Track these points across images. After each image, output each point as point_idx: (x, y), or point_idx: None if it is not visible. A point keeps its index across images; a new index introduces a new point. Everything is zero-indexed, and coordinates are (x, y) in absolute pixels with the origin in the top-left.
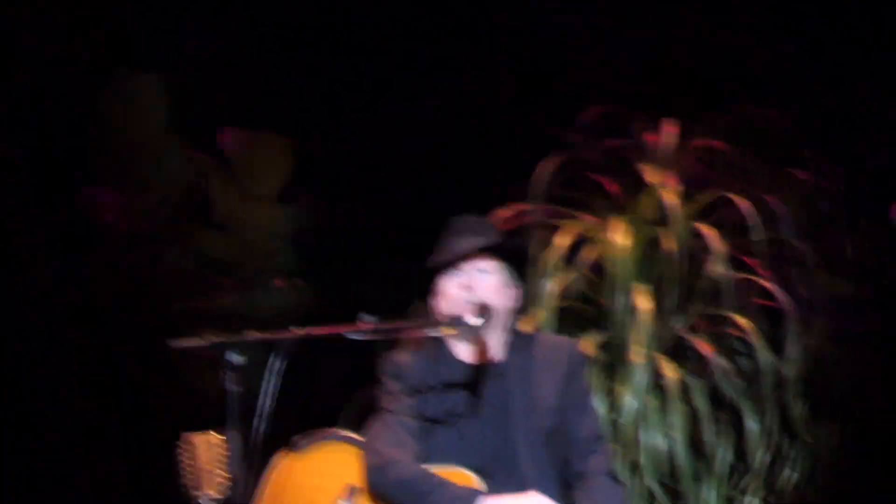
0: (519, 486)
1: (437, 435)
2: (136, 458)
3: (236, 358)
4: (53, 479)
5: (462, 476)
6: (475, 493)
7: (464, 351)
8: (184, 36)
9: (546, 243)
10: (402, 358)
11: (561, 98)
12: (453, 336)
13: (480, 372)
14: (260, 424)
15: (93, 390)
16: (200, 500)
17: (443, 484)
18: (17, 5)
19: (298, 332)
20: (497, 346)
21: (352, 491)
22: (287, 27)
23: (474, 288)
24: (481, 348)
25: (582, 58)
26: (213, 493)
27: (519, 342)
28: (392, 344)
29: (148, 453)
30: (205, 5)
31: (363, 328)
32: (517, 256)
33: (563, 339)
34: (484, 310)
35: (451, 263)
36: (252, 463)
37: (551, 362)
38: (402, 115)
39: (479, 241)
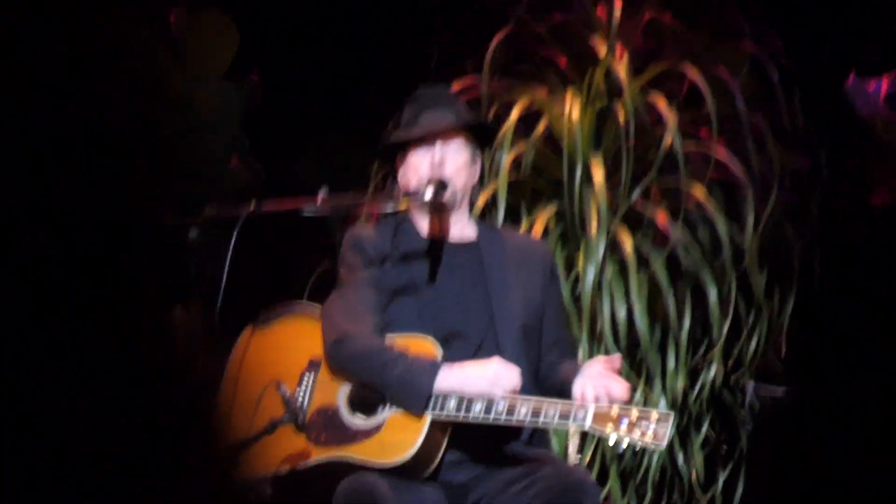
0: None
1: (399, 306)
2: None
3: (195, 235)
4: None
5: (423, 343)
6: (436, 365)
7: (426, 225)
8: None
9: (497, 117)
10: (363, 230)
11: None
12: (415, 210)
13: (444, 245)
14: (219, 300)
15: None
16: None
17: (401, 356)
18: None
19: (256, 207)
20: (463, 223)
21: (315, 363)
22: None
23: (445, 164)
24: (444, 222)
25: None
26: None
27: (486, 227)
28: (349, 219)
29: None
30: None
31: (320, 203)
32: (483, 133)
33: (536, 240)
34: (441, 184)
35: (424, 139)
36: (214, 339)
37: (529, 258)
38: None
39: (452, 117)
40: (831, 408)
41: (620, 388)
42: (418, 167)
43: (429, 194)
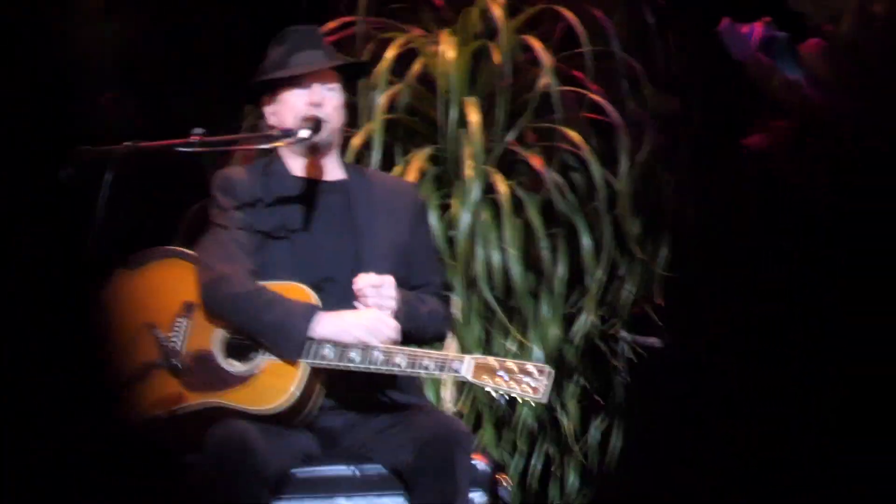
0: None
1: (271, 249)
2: None
3: (67, 173)
4: None
5: (298, 290)
6: (312, 308)
7: (297, 166)
8: None
9: (373, 56)
10: (233, 172)
11: None
12: (289, 149)
13: (315, 187)
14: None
15: None
16: None
17: (277, 299)
18: None
19: (130, 145)
20: (334, 164)
21: (189, 307)
22: None
23: (324, 105)
24: (317, 162)
25: None
26: None
27: (356, 170)
28: (224, 158)
29: None
30: None
31: (194, 141)
32: (353, 74)
33: (405, 182)
34: (317, 123)
35: (298, 78)
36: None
37: (398, 201)
38: None
39: (321, 55)
40: (706, 357)
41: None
42: (294, 106)
43: (306, 132)
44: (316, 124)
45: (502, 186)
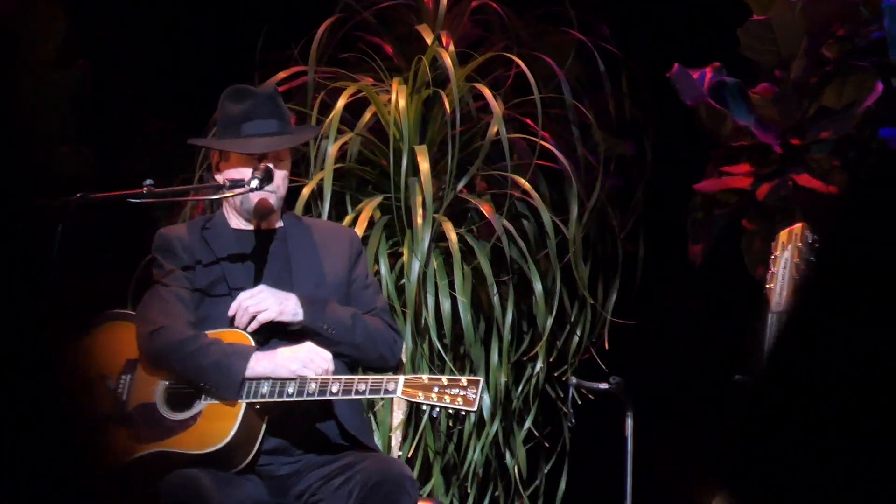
0: None
1: (211, 305)
2: None
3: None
4: None
5: (235, 335)
6: (248, 349)
7: (236, 219)
8: None
9: (323, 106)
10: (171, 231)
11: None
12: (232, 202)
13: (257, 239)
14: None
15: None
16: None
17: (214, 343)
18: None
19: (83, 196)
20: (273, 217)
21: (132, 364)
22: None
23: (274, 177)
24: (263, 213)
25: None
26: None
27: (291, 217)
28: (175, 208)
29: None
30: None
31: (144, 192)
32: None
33: (340, 226)
34: (266, 173)
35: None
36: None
37: (334, 243)
38: None
39: (274, 126)
40: (653, 400)
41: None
42: (244, 172)
43: (255, 182)
44: (266, 174)
45: (452, 234)
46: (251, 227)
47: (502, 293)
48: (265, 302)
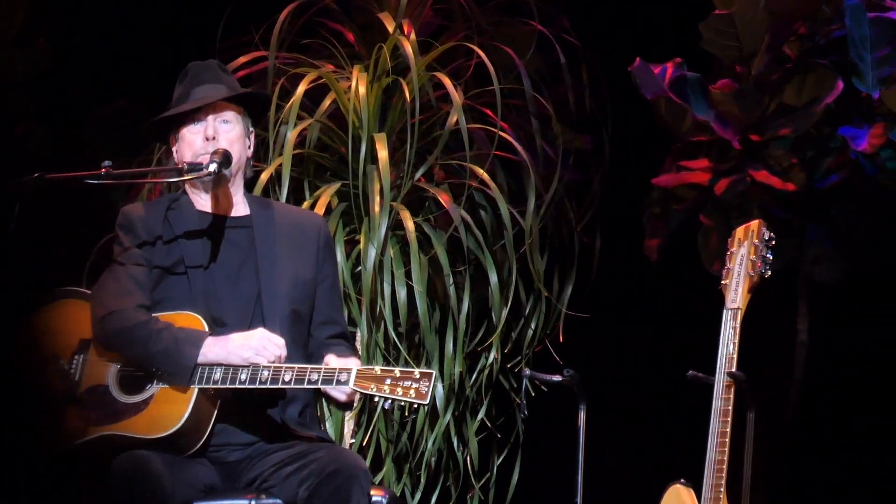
0: None
1: (169, 285)
2: None
3: None
4: None
5: (188, 318)
6: (201, 334)
7: (201, 200)
8: None
9: (283, 91)
10: (134, 209)
11: None
12: (193, 183)
13: (219, 223)
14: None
15: None
16: None
17: (166, 328)
18: None
19: (40, 176)
20: (239, 199)
21: (85, 344)
22: None
23: (218, 138)
24: (221, 197)
25: None
26: None
27: (259, 203)
28: (133, 190)
29: None
30: None
31: (102, 174)
32: (256, 105)
33: (310, 214)
34: (225, 157)
35: (194, 112)
36: None
37: (302, 235)
38: None
39: (221, 89)
40: (607, 393)
41: None
42: (192, 142)
43: (213, 166)
44: (224, 158)
45: (409, 223)
46: (217, 212)
47: (458, 283)
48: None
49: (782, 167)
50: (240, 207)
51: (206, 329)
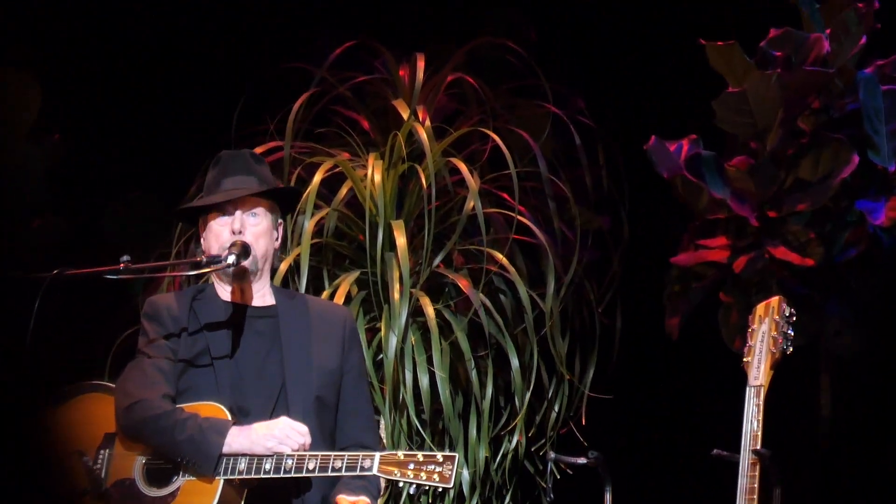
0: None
1: (194, 375)
2: None
3: None
4: None
5: (212, 409)
6: (225, 424)
7: (226, 291)
8: None
9: (300, 180)
10: (162, 299)
11: (307, 35)
12: (218, 274)
13: (244, 312)
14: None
15: None
16: None
17: (191, 418)
18: None
19: (59, 272)
20: (264, 290)
21: (110, 438)
22: None
23: (244, 232)
24: (246, 287)
25: None
26: None
27: (286, 295)
28: (152, 284)
29: None
30: None
31: (121, 268)
32: (286, 198)
33: (336, 305)
34: (243, 249)
35: (222, 204)
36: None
37: (328, 326)
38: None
39: (252, 182)
40: (632, 474)
41: None
42: (219, 233)
43: (232, 258)
44: (243, 250)
45: (430, 309)
46: (242, 302)
47: (480, 368)
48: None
49: (800, 242)
50: (266, 297)
51: (230, 418)
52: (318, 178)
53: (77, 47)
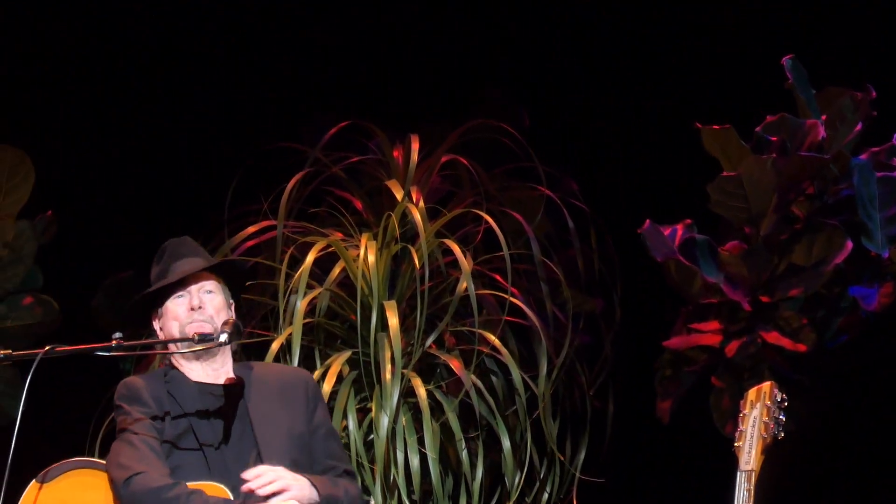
0: None
1: (181, 457)
2: None
3: None
4: None
5: (214, 488)
6: (230, 503)
7: (194, 371)
8: None
9: (293, 260)
10: (136, 381)
11: (301, 115)
12: (185, 355)
13: (214, 391)
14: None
15: None
16: None
17: (194, 492)
18: None
19: (50, 349)
20: (227, 365)
21: None
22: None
23: (204, 307)
24: (216, 365)
25: (317, 70)
26: None
27: (245, 367)
28: (143, 361)
29: None
30: None
31: (113, 345)
32: (235, 275)
33: (295, 369)
34: (237, 328)
35: (177, 286)
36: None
37: (291, 390)
38: (140, 128)
39: (200, 262)
40: None
41: None
42: (177, 314)
43: (224, 337)
44: (235, 329)
45: (421, 390)
46: (210, 380)
47: (471, 449)
48: (289, 483)
49: (793, 328)
50: (229, 372)
51: (231, 498)
52: (310, 257)
53: (71, 124)
